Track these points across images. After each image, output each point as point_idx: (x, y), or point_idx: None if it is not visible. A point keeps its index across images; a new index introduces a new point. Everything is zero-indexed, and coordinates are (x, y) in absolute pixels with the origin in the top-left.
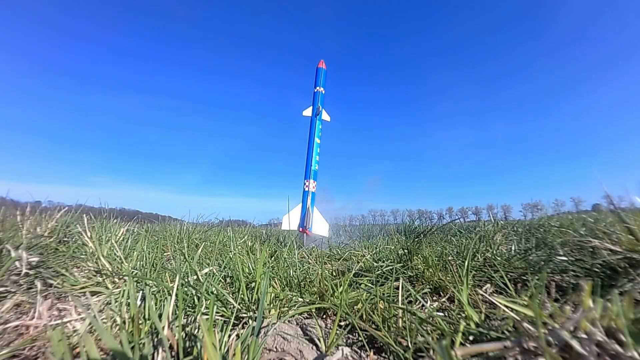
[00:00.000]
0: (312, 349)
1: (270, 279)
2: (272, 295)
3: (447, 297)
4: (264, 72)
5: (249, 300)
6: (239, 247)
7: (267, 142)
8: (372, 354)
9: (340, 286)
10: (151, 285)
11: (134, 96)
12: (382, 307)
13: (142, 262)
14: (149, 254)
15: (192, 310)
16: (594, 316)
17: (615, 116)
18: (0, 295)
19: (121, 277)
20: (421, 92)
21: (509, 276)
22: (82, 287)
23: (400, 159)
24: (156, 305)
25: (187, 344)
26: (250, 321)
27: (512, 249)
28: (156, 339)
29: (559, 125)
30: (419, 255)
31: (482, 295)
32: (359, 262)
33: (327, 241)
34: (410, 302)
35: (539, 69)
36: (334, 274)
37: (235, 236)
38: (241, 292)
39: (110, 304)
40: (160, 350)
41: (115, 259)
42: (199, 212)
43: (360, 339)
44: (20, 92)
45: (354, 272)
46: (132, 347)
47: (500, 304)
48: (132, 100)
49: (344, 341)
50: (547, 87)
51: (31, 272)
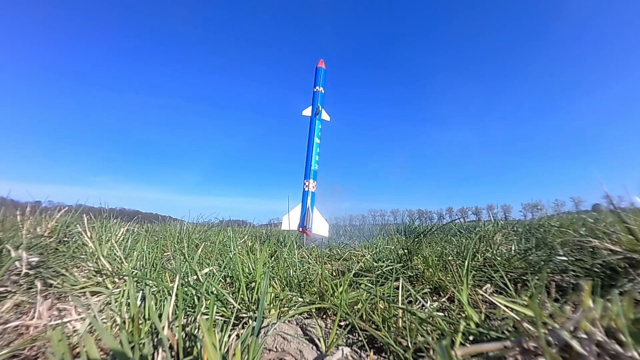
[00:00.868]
0: (312, 349)
1: (270, 279)
2: (272, 295)
3: (447, 297)
4: (264, 72)
5: (249, 300)
6: (239, 247)
7: (267, 142)
8: (372, 354)
9: (340, 286)
10: (151, 285)
11: (134, 96)
12: (382, 307)
13: (142, 262)
14: (149, 254)
15: (192, 310)
16: (594, 316)
17: (615, 116)
18: (0, 295)
19: (121, 277)
20: (421, 91)
21: (509, 276)
22: (82, 287)
23: (399, 159)
24: (156, 305)
25: (187, 344)
26: (250, 321)
27: (512, 249)
28: (156, 339)
29: (559, 125)
30: (419, 255)
31: (482, 295)
32: (359, 262)
33: (327, 241)
34: (410, 302)
35: (539, 69)
36: (334, 274)
37: (235, 236)
38: (241, 292)
39: (110, 304)
40: (160, 350)
41: (115, 259)
42: (199, 212)
43: (360, 339)
44: (20, 92)
45: (354, 272)
46: (132, 347)
47: (500, 304)
48: (132, 100)
49: (344, 341)
50: (547, 87)
51: (31, 272)
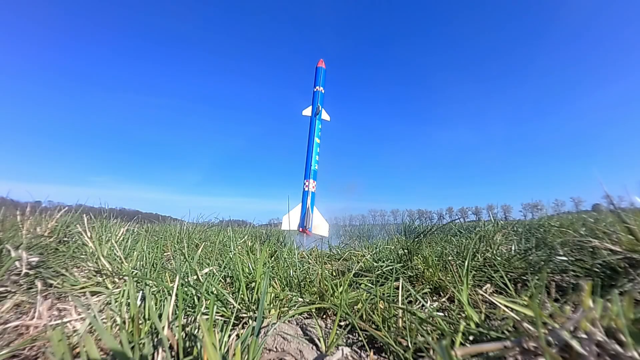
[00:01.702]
0: (312, 349)
1: (270, 279)
2: (272, 295)
3: (447, 297)
4: (264, 72)
5: (249, 300)
6: (239, 247)
7: (267, 142)
8: (372, 354)
9: (340, 286)
10: (151, 285)
11: (134, 96)
12: (382, 307)
13: (142, 262)
14: (149, 254)
15: (192, 310)
16: (594, 316)
17: (615, 116)
18: (0, 295)
19: (121, 277)
20: (420, 92)
21: (509, 276)
22: (82, 287)
23: (399, 158)
24: (156, 305)
25: (187, 344)
26: (250, 321)
27: (512, 249)
28: (156, 339)
29: (559, 125)
30: (419, 255)
31: (482, 295)
32: (359, 262)
33: (327, 241)
34: (410, 302)
35: (539, 69)
36: (334, 274)
37: (235, 236)
38: (241, 292)
39: (110, 304)
40: (160, 350)
41: (115, 259)
42: (199, 212)
43: (360, 339)
44: (20, 92)
45: (354, 272)
46: (132, 347)
47: (500, 304)
48: (132, 100)
49: (344, 341)
50: (547, 87)
51: (31, 272)
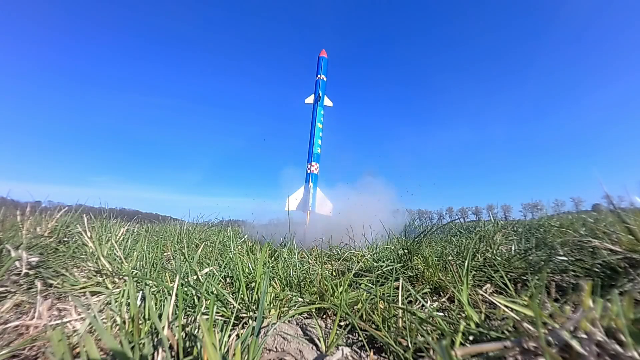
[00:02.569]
0: (312, 349)
1: (270, 279)
2: (272, 295)
3: (447, 297)
4: (263, 72)
5: (249, 300)
6: (239, 247)
7: (267, 142)
8: (372, 354)
9: (340, 286)
10: (151, 285)
11: (134, 96)
12: (382, 307)
13: (142, 262)
14: (149, 254)
15: (192, 310)
16: (594, 316)
17: (615, 116)
18: (0, 295)
19: (121, 277)
20: (420, 91)
21: (509, 276)
22: (82, 287)
23: (399, 158)
24: (156, 305)
25: (187, 344)
26: (250, 321)
27: (512, 249)
28: (156, 339)
29: (559, 124)
30: (419, 255)
31: (482, 295)
32: (359, 262)
33: (327, 241)
34: (410, 302)
35: (538, 68)
36: (334, 274)
37: (235, 236)
38: (241, 292)
39: (110, 304)
40: (160, 350)
41: (115, 259)
42: (199, 212)
43: (360, 339)
44: (20, 92)
45: (354, 272)
46: (132, 347)
47: (500, 304)
48: (132, 100)
49: (344, 341)
50: (547, 87)
51: (31, 272)
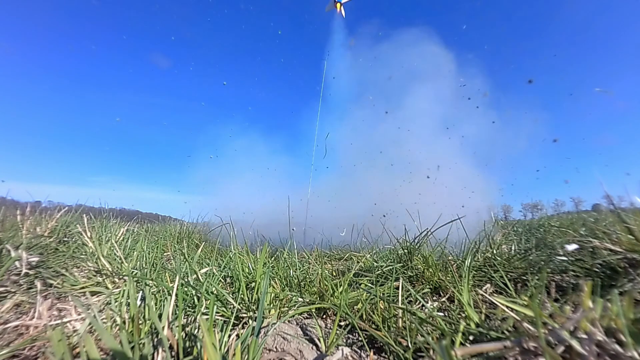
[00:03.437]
0: (312, 349)
1: (270, 279)
2: (272, 295)
3: (447, 297)
4: (264, 71)
5: (249, 300)
6: (239, 246)
7: (267, 141)
8: (372, 354)
9: (340, 286)
10: (151, 285)
11: (134, 96)
12: (382, 307)
13: (142, 262)
14: (149, 254)
15: (192, 310)
16: (594, 316)
17: (615, 115)
18: (0, 295)
19: (121, 277)
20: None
21: (509, 276)
22: (82, 287)
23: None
24: (156, 305)
25: (187, 344)
26: (250, 321)
27: (512, 249)
28: (156, 339)
29: (559, 124)
30: (419, 255)
31: (482, 295)
32: (359, 262)
33: (327, 241)
34: (410, 302)
35: (538, 67)
36: (334, 274)
37: (235, 236)
38: (241, 292)
39: (110, 304)
40: (160, 350)
41: (115, 259)
42: (199, 212)
43: (360, 339)
44: (20, 92)
45: (354, 272)
46: (132, 347)
47: (500, 304)
48: (132, 100)
49: (344, 341)
50: (547, 86)
51: (31, 272)
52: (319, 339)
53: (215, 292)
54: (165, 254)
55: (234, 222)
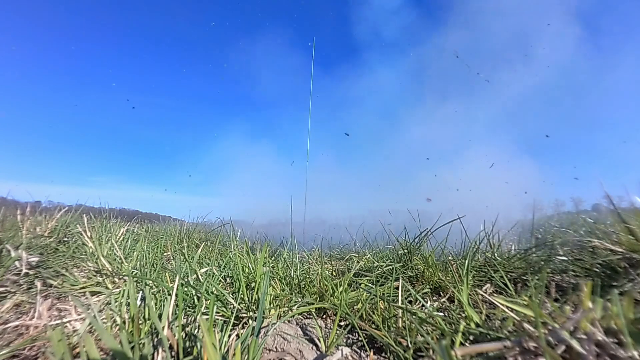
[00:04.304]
0: (312, 349)
1: (270, 279)
2: (272, 295)
3: (447, 297)
4: (263, 71)
5: (249, 300)
6: (239, 246)
7: (266, 141)
8: (372, 354)
9: (340, 286)
10: (151, 285)
11: (134, 96)
12: (382, 307)
13: (142, 262)
14: (149, 254)
15: (192, 310)
16: (594, 316)
17: (615, 115)
18: (0, 295)
19: (121, 277)
20: (419, 89)
21: (509, 276)
22: (82, 287)
23: (399, 157)
24: (156, 305)
25: (187, 344)
26: (250, 321)
27: (512, 248)
28: (156, 339)
29: (559, 123)
30: (419, 255)
31: (482, 295)
32: (359, 262)
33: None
34: (410, 302)
35: (538, 66)
36: (334, 274)
37: (235, 236)
38: (241, 292)
39: (110, 304)
40: (160, 350)
41: (115, 259)
42: (199, 212)
43: (360, 339)
44: (20, 92)
45: (354, 272)
46: (132, 347)
47: (500, 304)
48: (132, 100)
49: (344, 341)
50: (546, 86)
51: (31, 272)
52: (319, 339)
53: (215, 292)
54: (165, 254)
55: (234, 222)
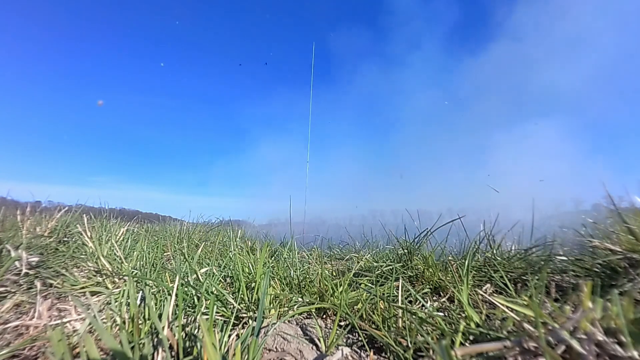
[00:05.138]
0: (312, 349)
1: (270, 279)
2: (272, 295)
3: (447, 297)
4: (263, 71)
5: (249, 300)
6: (239, 246)
7: (267, 142)
8: (372, 354)
9: (340, 286)
10: (151, 285)
11: (134, 96)
12: (382, 307)
13: (142, 262)
14: (149, 254)
15: (192, 310)
16: (594, 316)
17: (615, 115)
18: (0, 295)
19: (121, 277)
20: (419, 89)
21: (509, 276)
22: (82, 287)
23: (398, 157)
24: (156, 305)
25: (187, 344)
26: (250, 321)
27: (512, 248)
28: (156, 339)
29: (559, 123)
30: (419, 255)
31: (482, 295)
32: (359, 262)
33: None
34: (410, 302)
35: (538, 67)
36: (334, 274)
37: (235, 236)
38: (241, 292)
39: (110, 304)
40: (160, 350)
41: (115, 259)
42: (199, 212)
43: (360, 339)
44: (20, 93)
45: (354, 272)
46: (132, 347)
47: (500, 304)
48: (132, 100)
49: (344, 341)
50: (546, 85)
51: (31, 272)
52: (319, 339)
53: (215, 292)
54: (165, 254)
55: (234, 222)
